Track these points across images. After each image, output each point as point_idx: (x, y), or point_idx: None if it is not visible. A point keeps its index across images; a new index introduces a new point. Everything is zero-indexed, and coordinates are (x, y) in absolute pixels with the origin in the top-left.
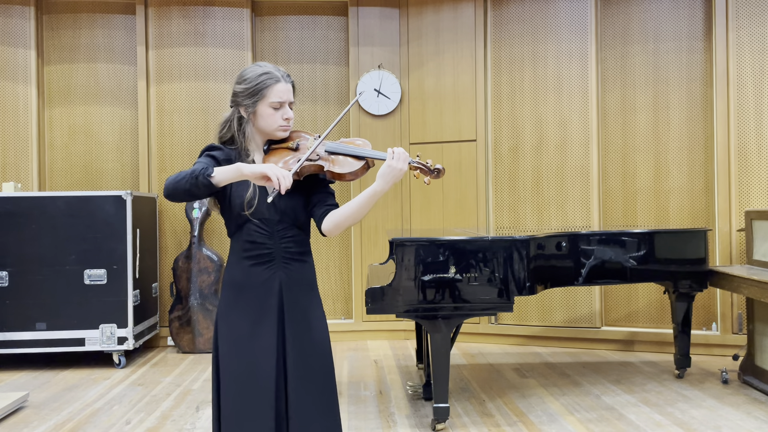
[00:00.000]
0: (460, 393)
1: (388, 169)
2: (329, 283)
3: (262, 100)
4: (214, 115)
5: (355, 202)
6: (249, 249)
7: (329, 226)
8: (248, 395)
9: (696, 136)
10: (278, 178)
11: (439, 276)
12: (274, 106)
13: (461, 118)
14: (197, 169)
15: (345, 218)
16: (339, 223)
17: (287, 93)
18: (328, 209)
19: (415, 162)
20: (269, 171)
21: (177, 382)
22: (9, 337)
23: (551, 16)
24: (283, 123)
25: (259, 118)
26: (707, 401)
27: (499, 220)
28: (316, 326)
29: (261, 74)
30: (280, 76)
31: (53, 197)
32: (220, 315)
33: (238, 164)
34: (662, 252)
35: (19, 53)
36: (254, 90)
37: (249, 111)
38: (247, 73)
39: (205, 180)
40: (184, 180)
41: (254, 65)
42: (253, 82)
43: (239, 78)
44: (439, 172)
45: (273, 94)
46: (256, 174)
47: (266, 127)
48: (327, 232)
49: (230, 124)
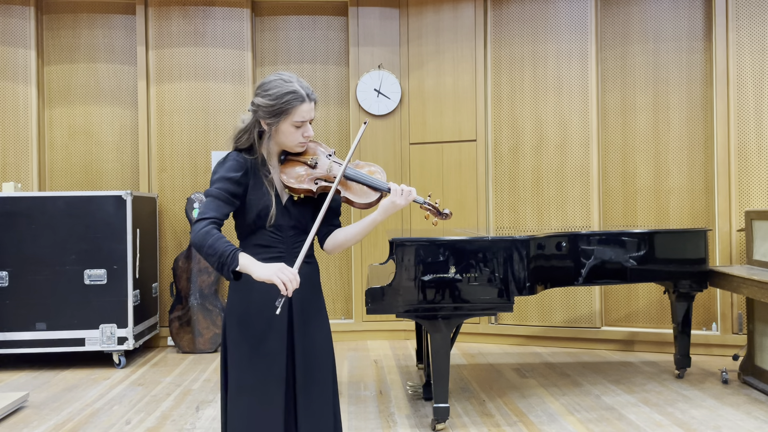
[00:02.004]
0: (460, 393)
1: (392, 205)
2: (329, 283)
3: (286, 119)
4: (214, 115)
5: (355, 228)
6: (261, 252)
7: (330, 246)
8: (260, 398)
9: (696, 136)
10: (285, 284)
11: (439, 276)
12: (296, 125)
13: (461, 118)
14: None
15: (344, 241)
16: (339, 244)
17: (310, 112)
18: (332, 230)
19: (426, 203)
20: (276, 278)
21: (177, 382)
22: (9, 337)
23: (551, 16)
24: (302, 140)
25: (280, 135)
26: (707, 401)
27: (499, 220)
28: (320, 327)
29: (287, 93)
30: (306, 95)
31: (53, 197)
32: (229, 316)
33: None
34: (662, 252)
35: (19, 53)
36: (279, 109)
37: (271, 127)
38: (272, 88)
39: (229, 274)
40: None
41: (279, 78)
42: (278, 101)
43: (262, 89)
44: (447, 216)
45: (297, 114)
46: (263, 278)
47: (286, 143)
48: (328, 251)
49: (249, 134)
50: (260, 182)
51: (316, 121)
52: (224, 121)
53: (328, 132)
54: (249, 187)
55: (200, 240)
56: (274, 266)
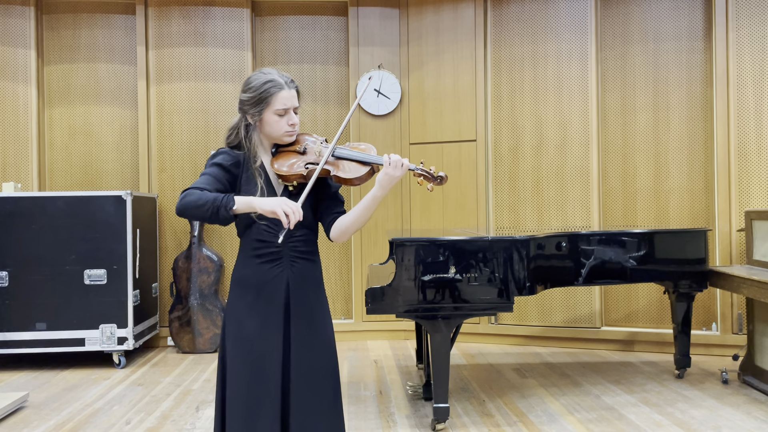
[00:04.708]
0: (460, 393)
1: (385, 176)
2: (329, 283)
3: (267, 108)
4: (214, 115)
5: (357, 209)
6: (258, 248)
7: (336, 233)
8: (253, 395)
9: (696, 136)
10: (288, 215)
11: (439, 276)
12: (279, 113)
13: (461, 118)
14: (219, 198)
15: (350, 224)
16: (345, 229)
17: (291, 99)
18: (335, 217)
19: (419, 169)
20: (278, 209)
21: (177, 382)
22: (9, 337)
23: (551, 16)
24: (289, 129)
25: (265, 125)
26: (707, 401)
27: (499, 220)
28: (321, 325)
29: (265, 82)
30: (284, 83)
31: (53, 197)
32: (228, 312)
33: (251, 199)
34: (662, 252)
35: (19, 53)
36: (259, 99)
37: (255, 119)
38: (252, 81)
39: (227, 213)
40: (205, 207)
41: (259, 72)
42: (257, 90)
43: (245, 86)
44: (441, 179)
45: (277, 101)
46: (266, 210)
47: (272, 133)
48: (335, 239)
49: (237, 130)
50: (252, 176)
51: (317, 121)
52: (224, 121)
53: (328, 132)
54: (242, 180)
55: (188, 201)
56: (277, 199)
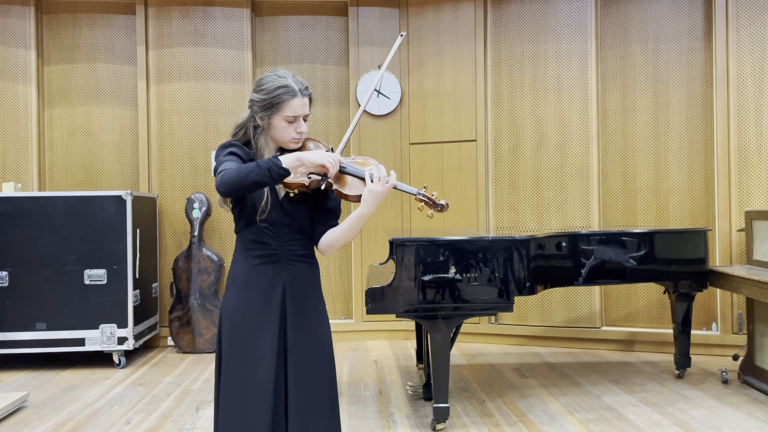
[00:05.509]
0: (460, 393)
1: (369, 194)
2: (329, 283)
3: (277, 113)
4: (214, 115)
5: (344, 225)
6: (255, 248)
7: (324, 245)
8: (247, 395)
9: (696, 136)
10: (333, 165)
11: (439, 276)
12: (288, 119)
13: (461, 118)
14: (261, 162)
15: (336, 239)
16: (332, 243)
17: (303, 107)
18: (325, 229)
19: (421, 194)
20: (325, 160)
21: (177, 382)
22: (9, 337)
23: (551, 16)
24: (296, 136)
25: (273, 129)
26: (707, 401)
27: (499, 220)
28: (318, 327)
29: (278, 87)
30: (298, 90)
31: (53, 197)
32: (224, 311)
33: (297, 153)
34: (662, 252)
35: (19, 53)
36: (270, 103)
37: (264, 121)
38: (265, 83)
39: (281, 170)
40: (253, 173)
41: (274, 74)
42: (269, 94)
43: (257, 85)
44: (443, 207)
45: (288, 108)
46: (314, 163)
47: (279, 138)
48: (322, 251)
49: (246, 129)
50: None
51: (317, 121)
52: (224, 121)
53: (328, 132)
54: None
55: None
56: (320, 152)
